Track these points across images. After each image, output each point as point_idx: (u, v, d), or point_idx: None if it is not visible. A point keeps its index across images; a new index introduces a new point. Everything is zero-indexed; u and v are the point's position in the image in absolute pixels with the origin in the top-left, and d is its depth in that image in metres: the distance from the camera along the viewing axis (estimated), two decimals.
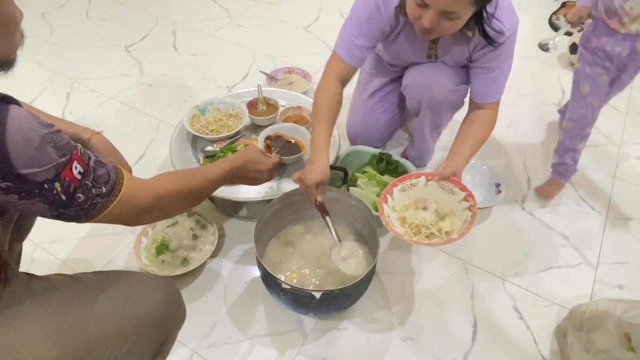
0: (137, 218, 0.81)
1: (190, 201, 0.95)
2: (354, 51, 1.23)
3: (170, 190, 0.85)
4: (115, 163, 0.78)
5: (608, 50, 1.30)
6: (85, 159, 0.71)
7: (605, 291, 1.34)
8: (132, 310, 0.81)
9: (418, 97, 1.38)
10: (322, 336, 1.22)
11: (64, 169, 0.67)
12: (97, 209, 0.72)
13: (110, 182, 0.73)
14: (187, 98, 1.97)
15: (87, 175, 0.70)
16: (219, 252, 1.39)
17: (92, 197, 0.71)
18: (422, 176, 1.13)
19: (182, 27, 2.43)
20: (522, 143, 1.80)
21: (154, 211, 0.82)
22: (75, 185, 0.69)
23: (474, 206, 1.05)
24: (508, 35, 1.15)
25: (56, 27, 2.40)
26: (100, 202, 0.72)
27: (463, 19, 1.06)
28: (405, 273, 1.37)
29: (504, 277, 1.37)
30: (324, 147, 1.16)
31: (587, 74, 1.37)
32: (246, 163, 1.09)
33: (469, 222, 1.03)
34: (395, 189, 1.13)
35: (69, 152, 0.68)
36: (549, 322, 1.26)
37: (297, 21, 2.48)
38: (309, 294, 1.05)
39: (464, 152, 1.18)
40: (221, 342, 1.20)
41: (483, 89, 1.27)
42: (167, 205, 0.85)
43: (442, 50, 1.28)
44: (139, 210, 0.79)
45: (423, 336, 1.23)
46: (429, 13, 1.03)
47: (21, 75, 2.10)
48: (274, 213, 1.27)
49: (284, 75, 2.02)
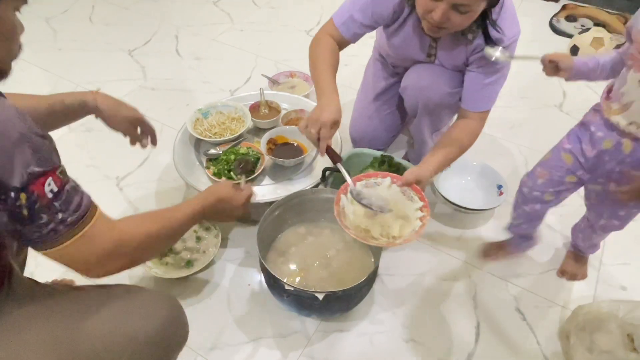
0: (96, 265, 0.72)
1: (158, 247, 0.87)
2: (351, 24, 1.23)
3: (135, 236, 0.77)
4: (90, 199, 0.72)
5: (592, 130, 1.03)
6: (63, 179, 0.66)
7: (609, 292, 1.34)
8: (131, 328, 0.78)
9: (415, 98, 1.39)
10: (325, 338, 1.22)
11: (35, 180, 0.62)
12: (56, 238, 0.66)
13: (80, 213, 0.68)
14: (190, 102, 1.98)
15: (59, 197, 0.65)
16: (222, 254, 1.40)
17: (56, 222, 0.65)
18: (388, 177, 1.14)
19: (185, 32, 2.45)
20: (523, 145, 1.80)
21: (115, 259, 0.74)
22: (43, 203, 0.63)
23: (425, 217, 1.06)
24: (507, 44, 1.15)
25: (60, 32, 2.42)
26: (62, 231, 0.66)
27: (473, 13, 1.05)
28: (408, 275, 1.37)
29: (506, 279, 1.37)
30: (335, 89, 1.14)
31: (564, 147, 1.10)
32: (217, 202, 1.03)
33: (416, 231, 1.04)
34: (359, 183, 1.12)
35: (49, 166, 0.64)
36: (552, 323, 1.26)
37: (299, 25, 2.49)
38: (312, 296, 1.05)
39: (434, 162, 1.18)
40: (225, 344, 1.20)
41: (473, 94, 1.26)
42: (130, 252, 0.77)
43: (442, 50, 1.28)
44: (98, 255, 0.71)
45: (426, 338, 1.23)
46: (441, 6, 1.02)
47: (25, 79, 2.12)
48: (277, 215, 1.28)
49: (286, 79, 2.03)
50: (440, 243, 1.45)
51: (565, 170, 1.10)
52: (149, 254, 0.86)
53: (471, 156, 1.34)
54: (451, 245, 1.45)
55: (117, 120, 1.10)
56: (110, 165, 1.67)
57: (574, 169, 1.09)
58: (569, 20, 2.53)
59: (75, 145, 1.74)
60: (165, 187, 1.60)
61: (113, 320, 0.78)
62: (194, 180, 1.35)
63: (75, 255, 0.69)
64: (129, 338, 0.78)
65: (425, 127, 1.47)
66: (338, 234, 1.35)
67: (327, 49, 1.23)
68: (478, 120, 1.26)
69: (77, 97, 1.04)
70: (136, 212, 1.52)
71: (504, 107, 1.96)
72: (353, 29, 1.24)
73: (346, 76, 2.09)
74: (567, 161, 1.09)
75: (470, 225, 1.51)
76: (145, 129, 1.18)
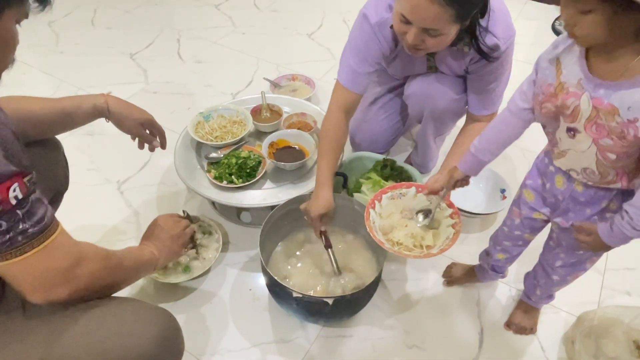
0: (49, 285, 0.69)
1: (113, 274, 0.83)
2: (357, 79, 1.23)
3: (95, 258, 0.76)
4: (53, 213, 0.69)
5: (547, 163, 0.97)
6: (30, 188, 0.63)
7: (613, 297, 1.33)
8: (124, 347, 0.74)
9: (420, 106, 1.39)
10: (327, 343, 1.21)
11: (1, 182, 0.59)
12: (11, 249, 0.62)
13: (42, 225, 0.65)
14: (191, 105, 1.98)
15: (23, 206, 0.62)
16: (223, 258, 1.39)
17: (16, 232, 0.62)
18: (413, 187, 1.14)
19: (187, 35, 2.45)
20: (526, 148, 1.79)
21: (70, 279, 0.71)
22: (4, 209, 0.59)
23: (458, 224, 1.06)
24: (503, 49, 1.14)
25: (62, 35, 2.43)
26: (20, 242, 0.62)
27: (448, 36, 1.06)
28: (411, 280, 1.36)
29: (510, 284, 1.35)
30: (328, 180, 1.19)
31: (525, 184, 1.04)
32: (154, 227, 1.13)
33: (451, 239, 1.03)
34: (384, 195, 1.13)
35: (15, 171, 0.60)
36: (557, 330, 1.25)
37: (300, 28, 2.49)
38: (322, 301, 1.04)
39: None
40: (226, 349, 1.19)
41: (479, 101, 1.27)
42: (86, 274, 0.74)
43: (440, 63, 1.29)
44: (54, 273, 0.68)
45: (429, 343, 1.22)
46: (412, 30, 1.04)
47: (27, 83, 2.12)
48: (278, 219, 1.27)
49: (287, 82, 2.02)
50: None
51: (529, 209, 1.03)
52: (101, 283, 0.79)
53: None
54: (454, 250, 1.43)
55: (129, 123, 1.11)
56: (111, 169, 1.67)
57: (537, 206, 1.01)
58: None
59: (76, 148, 1.74)
60: (166, 191, 1.60)
61: (106, 338, 0.74)
62: (195, 184, 1.35)
63: (28, 271, 0.65)
64: (122, 357, 0.74)
65: (429, 133, 1.47)
66: (340, 238, 1.34)
67: (333, 133, 1.24)
68: (488, 122, 1.26)
69: (89, 100, 1.05)
70: (137, 216, 1.51)
71: None
72: (361, 82, 1.24)
73: None
74: (529, 198, 1.02)
75: (473, 230, 1.50)
76: (155, 131, 1.19)
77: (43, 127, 1.00)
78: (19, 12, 0.67)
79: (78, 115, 1.04)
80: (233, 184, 1.32)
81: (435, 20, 1.00)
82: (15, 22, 0.67)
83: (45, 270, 0.67)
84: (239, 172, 1.35)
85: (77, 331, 0.74)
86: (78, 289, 0.73)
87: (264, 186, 1.37)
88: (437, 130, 1.46)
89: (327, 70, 2.17)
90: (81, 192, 1.25)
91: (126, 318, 0.77)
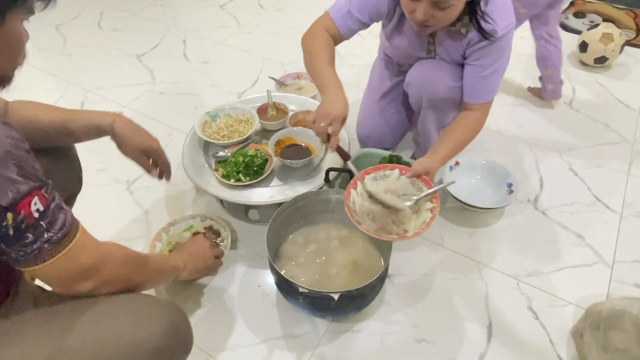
0: (75, 280, 0.73)
1: (136, 272, 0.86)
2: (347, 20, 1.24)
3: (118, 254, 0.80)
4: (73, 216, 0.72)
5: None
6: (49, 198, 0.66)
7: (622, 290, 1.32)
8: (133, 338, 0.76)
9: (419, 93, 1.39)
10: (336, 338, 1.22)
11: (22, 200, 0.61)
12: (40, 256, 0.66)
13: (64, 231, 0.68)
14: (198, 105, 1.99)
15: (45, 217, 0.65)
16: (231, 256, 1.40)
17: (42, 241, 0.65)
18: (397, 169, 1.14)
19: (192, 36, 2.46)
20: (533, 142, 1.79)
21: (95, 274, 0.75)
22: (29, 223, 0.62)
23: (436, 208, 1.06)
24: (500, 35, 1.15)
25: (69, 38, 2.45)
26: (46, 249, 0.66)
27: (456, 7, 1.07)
28: (418, 274, 1.37)
29: (518, 278, 1.35)
30: (340, 84, 1.15)
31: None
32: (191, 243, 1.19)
33: (427, 223, 1.04)
34: (367, 176, 1.13)
35: (34, 183, 0.63)
36: (565, 322, 1.25)
37: (304, 27, 2.48)
38: (328, 296, 1.05)
39: (442, 152, 1.19)
40: (235, 345, 1.21)
41: (473, 87, 1.27)
42: (110, 271, 0.78)
43: (440, 45, 1.29)
44: (80, 270, 0.73)
45: (438, 338, 1.22)
46: (422, 5, 1.05)
47: (36, 86, 2.15)
48: (285, 217, 1.28)
49: (292, 81, 2.03)
50: (450, 242, 1.45)
51: None
52: (124, 279, 0.83)
53: (481, 154, 1.33)
54: (462, 245, 1.44)
55: (130, 148, 1.08)
56: (120, 169, 1.69)
57: None
58: (577, 17, 2.51)
59: (85, 149, 1.74)
60: (175, 190, 1.61)
61: (116, 331, 0.76)
62: (203, 182, 1.36)
63: (56, 271, 0.69)
64: (133, 349, 0.76)
65: (430, 123, 1.46)
66: (347, 234, 1.34)
67: (324, 43, 1.23)
68: (481, 112, 1.28)
69: (97, 119, 1.02)
70: (147, 215, 1.53)
71: (513, 105, 1.95)
72: (350, 24, 1.25)
73: (353, 76, 2.09)
74: None
75: (480, 224, 1.50)
76: (159, 161, 1.16)
77: (50, 139, 1.00)
78: (25, 11, 0.68)
79: (81, 133, 1.02)
80: (240, 182, 1.33)
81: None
82: (22, 21, 0.69)
83: (72, 269, 0.72)
84: (246, 170, 1.36)
85: (91, 324, 0.76)
86: (103, 284, 0.78)
87: (271, 184, 1.38)
88: (438, 121, 1.45)
89: None
90: (91, 193, 1.27)
91: (138, 311, 0.79)
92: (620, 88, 2.05)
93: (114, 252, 0.79)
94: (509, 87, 2.06)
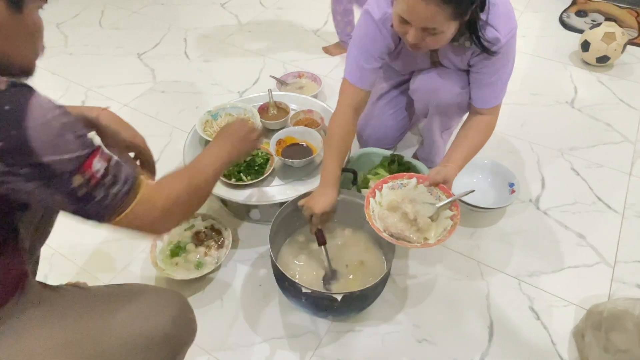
0: (158, 221, 0.77)
1: (203, 189, 0.89)
2: (365, 75, 1.24)
3: (181, 187, 0.81)
4: (133, 168, 0.76)
5: None
6: (107, 156, 0.70)
7: (624, 290, 1.32)
8: (141, 326, 0.80)
9: (425, 100, 1.39)
10: (337, 338, 1.22)
11: (85, 161, 0.65)
12: (117, 206, 0.70)
13: (130, 182, 0.71)
14: (199, 104, 1.99)
15: (108, 173, 0.68)
16: (233, 255, 1.40)
17: (113, 194, 0.69)
18: (414, 178, 1.14)
19: (193, 34, 2.46)
20: (535, 142, 1.78)
21: (170, 214, 0.78)
22: (96, 181, 0.67)
23: (457, 216, 1.06)
24: (504, 42, 1.14)
25: (71, 37, 2.45)
26: (119, 201, 0.70)
27: (447, 33, 1.06)
28: (420, 274, 1.36)
29: (519, 278, 1.35)
30: (335, 181, 1.20)
31: None
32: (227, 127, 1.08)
33: (448, 230, 1.04)
34: (385, 185, 1.14)
35: (93, 147, 0.67)
36: (567, 323, 1.25)
37: (306, 26, 2.50)
38: (331, 297, 1.05)
39: (458, 159, 1.19)
40: (237, 344, 1.21)
41: (482, 95, 1.27)
42: (181, 204, 0.81)
43: (443, 58, 1.29)
44: (158, 211, 0.76)
45: (439, 337, 1.22)
46: (412, 30, 1.05)
47: (37, 84, 2.12)
48: (287, 216, 1.28)
49: (294, 80, 2.03)
50: (452, 242, 1.44)
51: None
52: (192, 206, 0.87)
53: (482, 154, 1.33)
54: (463, 244, 1.44)
55: (114, 143, 1.05)
56: None
57: None
58: (579, 16, 2.50)
59: None
60: None
61: (125, 320, 0.80)
62: None
63: (140, 216, 0.73)
64: (142, 336, 0.79)
65: (436, 127, 1.47)
66: (349, 233, 1.34)
67: (340, 131, 1.25)
68: (491, 115, 1.28)
69: (80, 111, 1.01)
70: None
71: (515, 105, 1.94)
72: (369, 78, 1.25)
73: None
74: None
75: (482, 224, 1.50)
76: (144, 159, 1.10)
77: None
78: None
79: None
80: (242, 182, 1.33)
81: (433, 20, 1.01)
82: (37, 9, 0.70)
83: (151, 214, 0.75)
84: (248, 170, 1.36)
85: (99, 314, 0.79)
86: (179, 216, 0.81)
87: (272, 183, 1.38)
88: (443, 124, 1.46)
89: (333, 67, 2.18)
90: None
91: (145, 301, 0.83)
92: (623, 87, 2.05)
93: (176, 186, 0.81)
94: (509, 86, 2.05)
